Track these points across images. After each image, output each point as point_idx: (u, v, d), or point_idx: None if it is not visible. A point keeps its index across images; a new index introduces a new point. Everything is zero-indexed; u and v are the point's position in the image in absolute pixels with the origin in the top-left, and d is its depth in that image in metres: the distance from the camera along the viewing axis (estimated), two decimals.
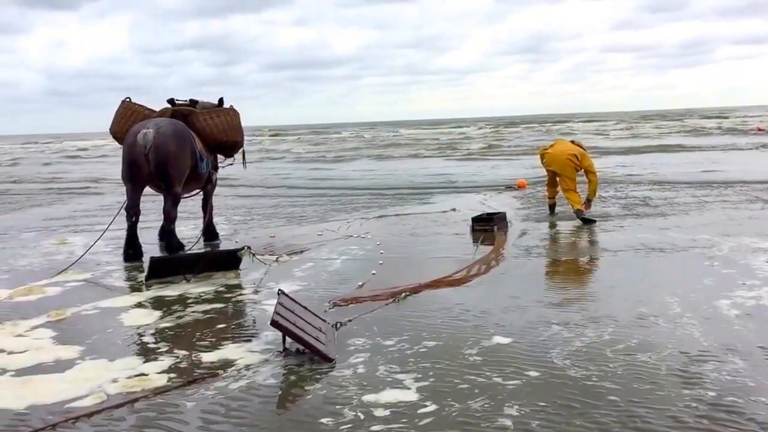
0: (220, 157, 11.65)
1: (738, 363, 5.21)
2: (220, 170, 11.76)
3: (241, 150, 11.52)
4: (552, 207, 13.55)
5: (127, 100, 10.99)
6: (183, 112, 10.76)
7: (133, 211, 10.08)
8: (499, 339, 5.98)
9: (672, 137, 43.28)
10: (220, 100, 11.34)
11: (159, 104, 11.08)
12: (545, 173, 13.69)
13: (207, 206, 11.56)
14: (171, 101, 10.95)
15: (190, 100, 11.09)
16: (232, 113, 11.09)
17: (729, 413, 4.38)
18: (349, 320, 6.64)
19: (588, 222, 12.27)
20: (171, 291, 8.28)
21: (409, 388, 5.00)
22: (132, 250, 10.10)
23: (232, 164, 12.29)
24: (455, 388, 4.96)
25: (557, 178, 13.00)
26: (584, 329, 6.13)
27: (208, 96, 11.24)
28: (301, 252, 10.34)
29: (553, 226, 12.23)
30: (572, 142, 13.67)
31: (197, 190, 11.27)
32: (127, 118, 10.67)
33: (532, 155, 23.00)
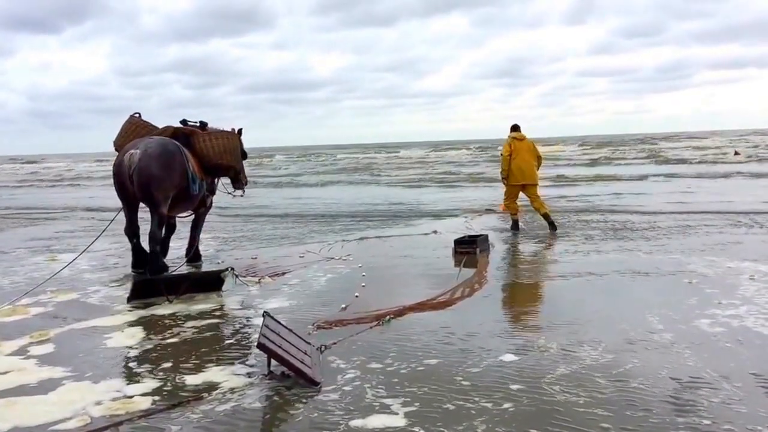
0: (227, 185, 11.75)
1: (730, 389, 5.17)
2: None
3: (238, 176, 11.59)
4: (517, 222, 14.21)
5: (136, 115, 10.98)
6: (185, 132, 10.79)
7: (131, 232, 10.17)
8: (486, 363, 5.93)
9: (650, 165, 42.94)
10: (240, 131, 11.45)
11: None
12: (507, 189, 14.34)
13: (197, 228, 11.52)
14: (183, 122, 11.05)
15: (200, 122, 11.14)
16: (231, 136, 11.07)
17: None
18: (334, 343, 6.58)
19: (554, 227, 13.77)
20: (154, 312, 8.17)
21: (397, 413, 4.92)
22: (140, 264, 10.34)
23: (242, 195, 12.17)
24: (444, 414, 4.89)
25: (522, 190, 14.06)
26: (572, 354, 6.08)
27: (189, 118, 11.22)
28: (284, 274, 10.26)
29: (536, 248, 12.22)
30: (519, 136, 14.24)
31: (191, 212, 11.30)
32: (130, 134, 10.66)
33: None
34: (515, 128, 14.37)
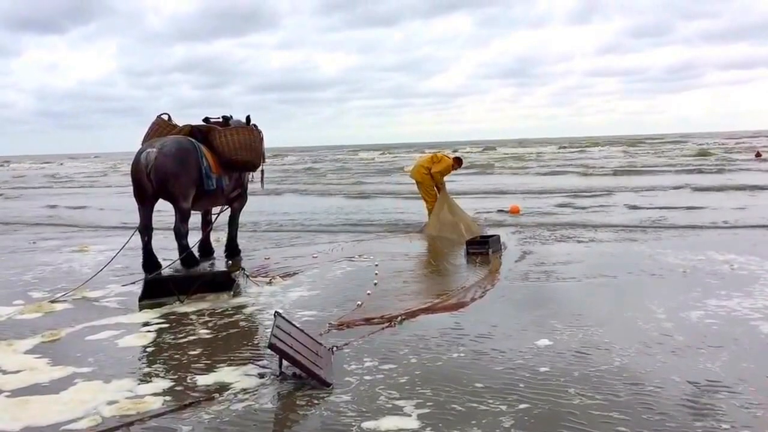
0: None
1: (748, 393, 5.12)
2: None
3: (260, 170, 11.60)
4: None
5: (164, 116, 11.00)
6: (202, 129, 10.83)
7: (145, 231, 10.13)
8: (499, 365, 5.87)
9: (668, 175, 37.06)
10: (247, 118, 11.47)
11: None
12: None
13: (231, 224, 11.96)
14: (206, 119, 11.15)
15: (223, 117, 11.23)
16: (248, 132, 11.03)
17: None
18: (346, 344, 6.55)
19: None
20: (165, 312, 8.16)
21: (410, 415, 4.88)
22: (150, 264, 10.19)
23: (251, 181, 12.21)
24: (457, 416, 4.84)
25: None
26: (587, 356, 6.03)
27: (203, 117, 11.22)
28: (295, 274, 10.23)
29: (548, 249, 12.10)
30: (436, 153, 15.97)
31: (224, 207, 11.61)
32: (153, 134, 10.71)
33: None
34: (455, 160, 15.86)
